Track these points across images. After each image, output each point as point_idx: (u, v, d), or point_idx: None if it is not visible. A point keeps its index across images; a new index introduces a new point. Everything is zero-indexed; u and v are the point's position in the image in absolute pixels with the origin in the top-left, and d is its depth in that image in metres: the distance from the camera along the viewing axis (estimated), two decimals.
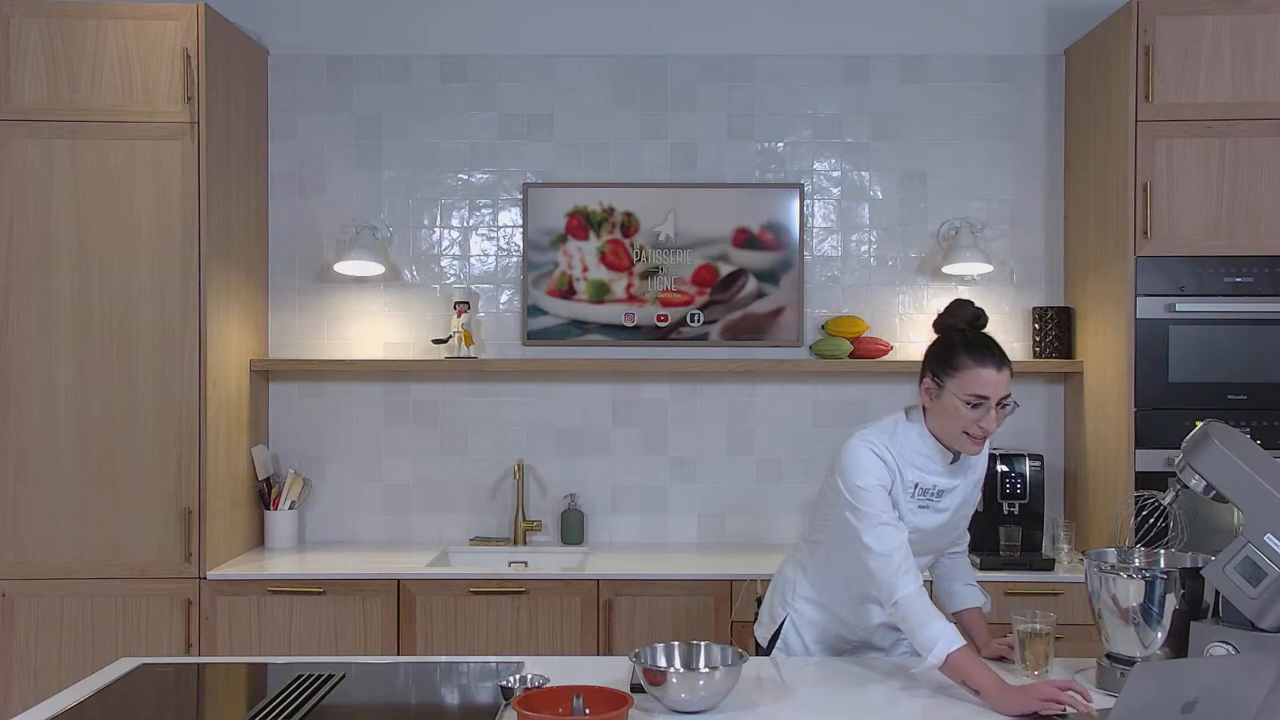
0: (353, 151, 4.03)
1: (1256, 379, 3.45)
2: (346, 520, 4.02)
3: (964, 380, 2.28)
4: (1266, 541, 2.03)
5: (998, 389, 2.28)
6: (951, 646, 2.16)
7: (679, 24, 4.02)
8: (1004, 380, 2.29)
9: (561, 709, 1.95)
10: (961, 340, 2.34)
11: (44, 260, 3.42)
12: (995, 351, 2.31)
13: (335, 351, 4.02)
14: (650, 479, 4.01)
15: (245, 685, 2.34)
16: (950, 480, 2.41)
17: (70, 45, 3.42)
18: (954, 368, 2.30)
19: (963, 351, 2.31)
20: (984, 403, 2.27)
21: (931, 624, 2.19)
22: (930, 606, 2.23)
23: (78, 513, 3.43)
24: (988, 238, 3.97)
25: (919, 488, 2.37)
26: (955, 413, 2.30)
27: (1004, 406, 2.30)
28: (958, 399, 2.29)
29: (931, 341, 2.42)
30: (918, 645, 2.21)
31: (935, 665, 2.17)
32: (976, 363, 2.28)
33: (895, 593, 2.23)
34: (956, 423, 2.30)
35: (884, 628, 2.54)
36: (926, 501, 2.38)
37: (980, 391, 2.27)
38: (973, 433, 2.30)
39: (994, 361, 2.29)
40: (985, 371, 2.27)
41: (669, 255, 3.98)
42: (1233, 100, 3.45)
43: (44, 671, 3.42)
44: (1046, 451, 3.90)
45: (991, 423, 2.28)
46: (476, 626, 3.44)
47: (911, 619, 2.21)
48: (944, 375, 2.32)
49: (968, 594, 2.59)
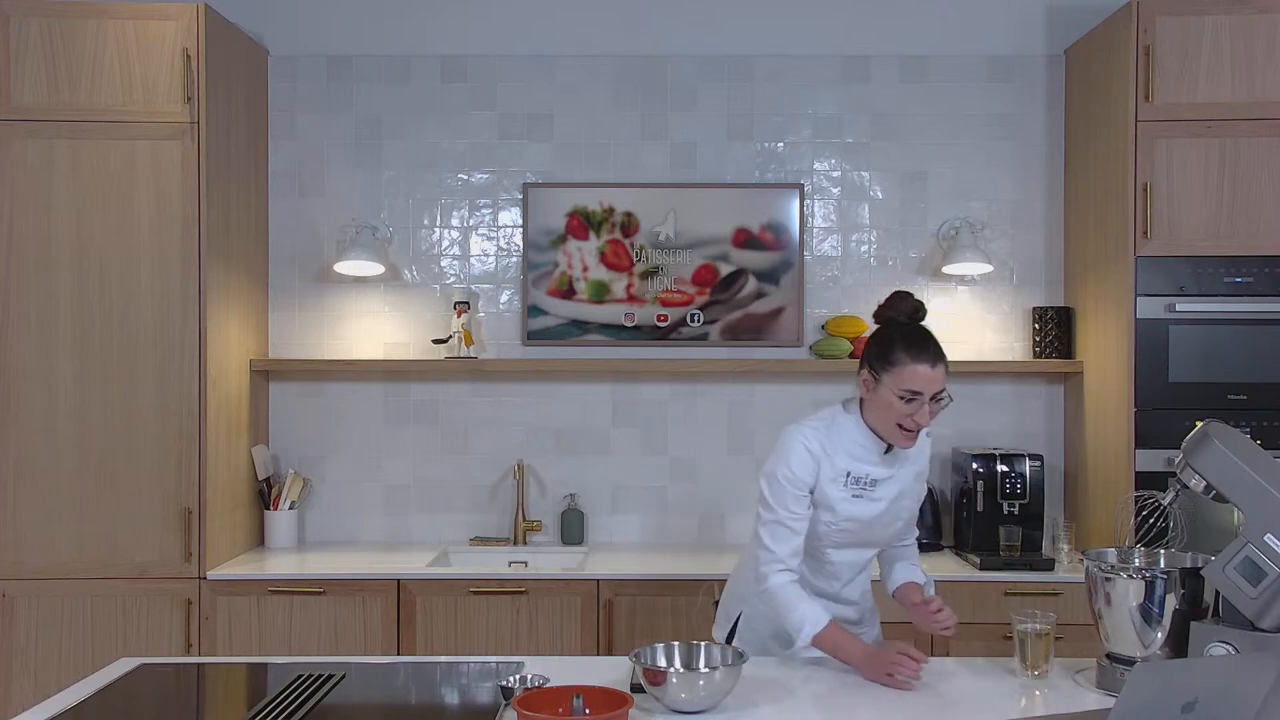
0: (353, 151, 4.03)
1: (1256, 379, 3.45)
2: (346, 520, 4.02)
3: (899, 376, 2.33)
4: (1266, 541, 2.03)
5: (931, 385, 2.33)
6: (817, 627, 2.32)
7: (679, 24, 4.02)
8: (938, 376, 2.34)
9: (561, 709, 1.95)
10: (899, 335, 2.37)
11: (44, 260, 3.42)
12: (931, 348, 2.35)
13: (335, 351, 4.02)
14: (650, 479, 4.01)
15: (245, 685, 2.34)
16: (885, 470, 2.45)
17: (70, 45, 3.42)
18: (890, 363, 2.34)
19: (899, 347, 2.35)
20: (918, 398, 2.33)
21: (799, 607, 2.35)
22: (799, 592, 2.38)
23: (78, 513, 3.43)
24: (988, 238, 3.97)
25: (851, 476, 2.42)
26: (890, 406, 2.35)
27: (938, 401, 2.35)
28: (892, 393, 2.34)
29: (871, 333, 2.46)
30: (789, 628, 2.36)
31: (806, 644, 2.33)
32: (912, 359, 2.32)
33: (767, 580, 2.39)
34: (891, 416, 2.36)
35: (848, 625, 2.54)
36: (860, 490, 2.43)
37: (914, 387, 2.32)
38: (906, 426, 2.36)
39: (929, 358, 2.33)
40: (920, 368, 2.32)
41: (669, 255, 3.98)
42: (1233, 100, 3.45)
43: (44, 671, 3.42)
44: (1046, 451, 3.90)
45: (924, 417, 2.34)
46: (476, 626, 3.44)
47: (779, 605, 2.37)
48: (880, 369, 2.36)
49: (909, 572, 2.61)
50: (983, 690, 2.23)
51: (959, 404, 3.96)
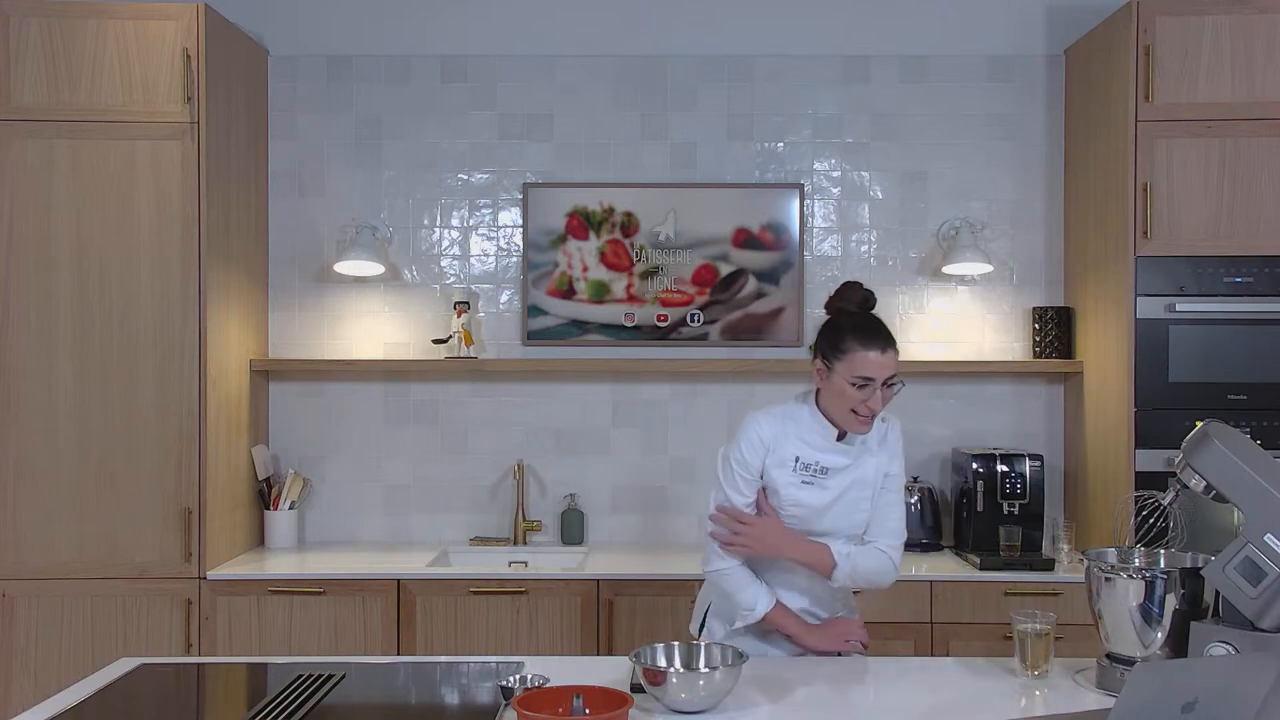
0: (353, 151, 4.03)
1: (1256, 379, 3.45)
2: (346, 520, 4.02)
3: (851, 363, 2.37)
4: (1266, 541, 2.03)
5: (883, 370, 2.37)
6: (768, 607, 2.46)
7: (679, 24, 4.02)
8: (889, 362, 2.39)
9: (561, 709, 1.94)
10: (849, 323, 2.43)
11: (44, 260, 3.42)
12: (881, 334, 2.41)
13: (335, 351, 4.02)
14: (650, 479, 4.01)
15: (245, 685, 2.34)
16: (839, 458, 2.47)
17: (70, 45, 3.42)
18: (841, 351, 2.39)
19: (849, 335, 2.40)
20: (870, 384, 2.37)
21: (750, 587, 2.47)
22: (748, 575, 2.48)
23: (78, 513, 3.43)
24: (988, 238, 3.97)
25: (800, 461, 2.46)
26: (843, 393, 2.39)
27: (890, 386, 2.39)
28: (845, 380, 2.38)
29: (822, 324, 2.51)
30: (740, 605, 2.47)
31: (757, 620, 2.46)
32: (862, 346, 2.37)
33: (717, 563, 2.49)
34: (844, 402, 2.40)
35: (803, 613, 2.54)
36: (810, 477, 2.46)
37: (865, 373, 2.36)
38: (860, 412, 2.40)
39: (879, 344, 2.38)
40: (870, 354, 2.37)
41: (669, 255, 3.98)
42: (1233, 100, 3.45)
43: (44, 671, 3.42)
44: (1046, 451, 3.90)
45: (877, 403, 2.38)
46: (476, 626, 3.44)
47: (731, 585, 2.48)
48: (832, 358, 2.41)
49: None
50: (983, 690, 2.23)
51: (959, 404, 3.97)
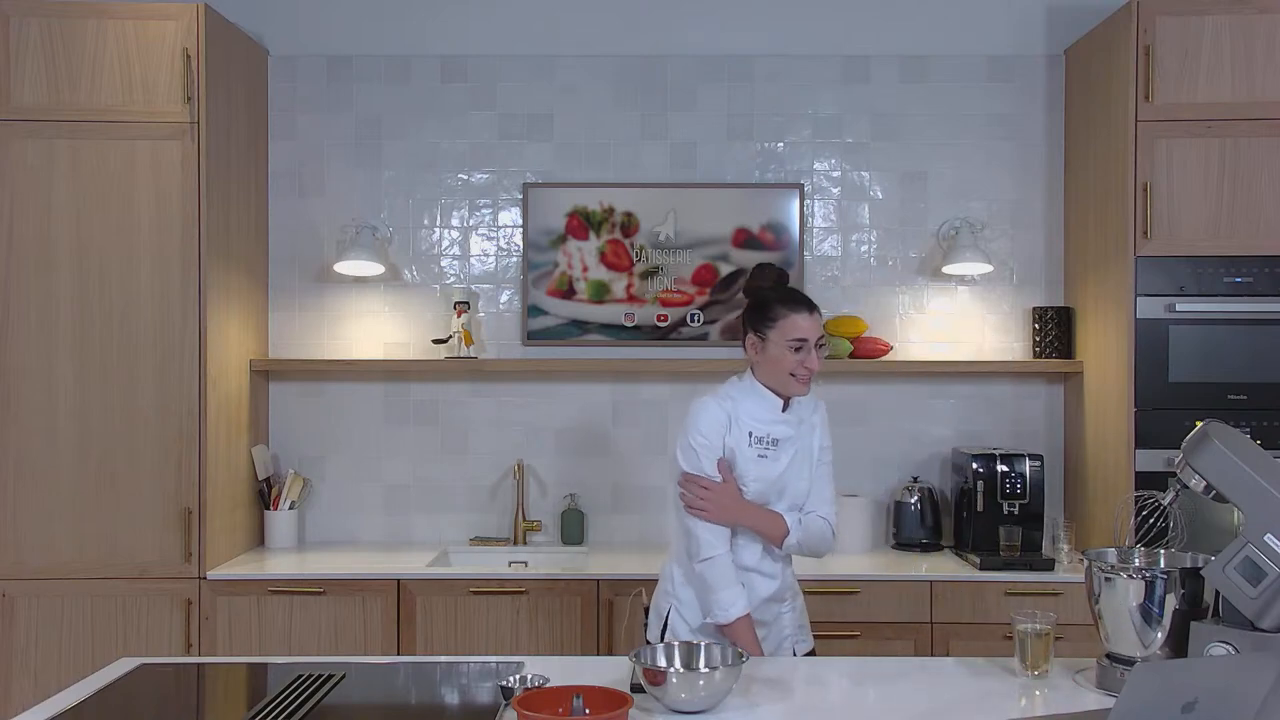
0: (353, 151, 4.03)
1: (1256, 379, 3.45)
2: (346, 520, 4.02)
3: (783, 328, 2.52)
4: (1266, 541, 2.03)
5: (813, 331, 2.54)
6: (744, 612, 2.50)
7: (679, 24, 4.02)
8: (817, 322, 2.56)
9: (561, 709, 1.94)
10: (774, 295, 2.58)
11: (44, 260, 3.42)
12: (804, 300, 2.58)
13: (335, 351, 4.02)
14: (650, 479, 4.01)
15: (245, 685, 2.34)
16: (785, 429, 2.60)
17: (70, 45, 3.42)
18: (772, 319, 2.54)
19: (777, 304, 2.55)
20: (804, 344, 2.52)
21: (734, 587, 2.50)
22: (732, 572, 2.52)
23: (78, 513, 3.43)
24: (988, 238, 3.97)
25: (754, 435, 2.57)
26: (780, 359, 2.53)
27: (821, 346, 2.55)
28: (781, 346, 2.52)
29: (745, 306, 2.64)
30: (715, 602, 2.50)
31: (726, 622, 2.48)
32: (792, 310, 2.53)
33: (711, 550, 2.51)
34: (783, 367, 2.53)
35: (769, 602, 2.60)
36: (764, 450, 2.57)
37: (799, 335, 2.52)
38: (798, 374, 2.54)
39: (805, 308, 2.55)
40: (800, 317, 2.53)
41: (669, 255, 3.98)
42: (1233, 100, 3.45)
43: (44, 671, 3.42)
44: (1046, 451, 3.89)
45: (814, 362, 2.53)
46: (476, 626, 3.44)
47: (719, 578, 2.50)
48: (764, 328, 2.55)
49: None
50: (983, 690, 2.23)
51: (959, 404, 3.98)
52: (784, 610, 2.65)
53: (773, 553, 2.61)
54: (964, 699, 2.18)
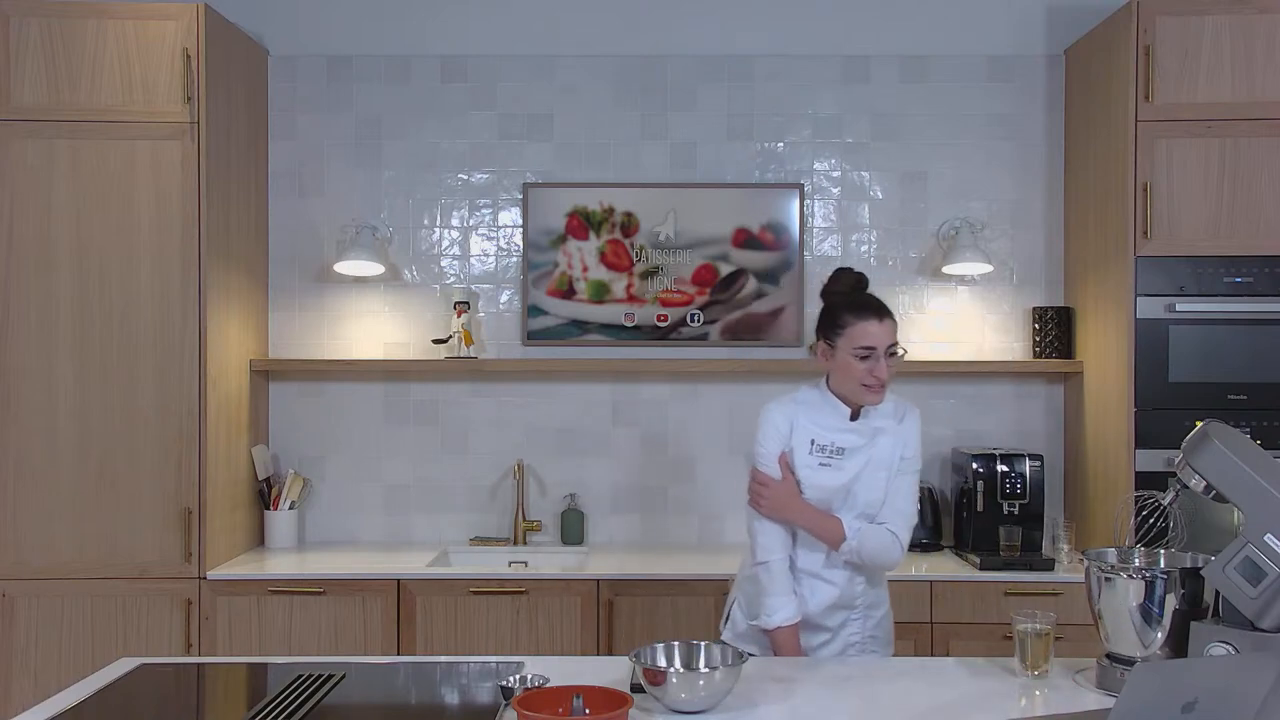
0: (353, 151, 4.03)
1: (1256, 379, 3.45)
2: (346, 520, 4.02)
3: (851, 336, 2.49)
4: (1266, 541, 2.03)
5: (883, 339, 2.49)
6: (789, 621, 2.51)
7: (679, 24, 4.02)
8: (888, 330, 2.50)
9: (561, 709, 1.94)
10: (844, 301, 2.55)
11: (44, 260, 3.42)
12: (875, 306, 2.52)
13: (335, 351, 4.02)
14: (650, 479, 4.01)
15: (245, 685, 2.34)
16: (854, 438, 2.55)
17: (70, 45, 3.42)
18: (840, 326, 2.51)
19: (845, 311, 2.52)
20: (872, 353, 2.48)
21: (785, 594, 2.52)
22: (789, 580, 2.54)
23: (78, 513, 3.43)
24: (988, 238, 3.97)
25: (815, 444, 2.55)
26: (850, 367, 2.50)
27: (893, 355, 2.50)
28: (849, 354, 2.49)
29: (820, 310, 2.61)
30: (765, 606, 2.52)
31: (768, 628, 2.51)
32: (859, 318, 2.49)
33: (768, 555, 2.53)
34: (853, 375, 2.50)
35: (832, 609, 2.58)
36: (827, 459, 2.55)
37: (867, 343, 2.47)
38: (868, 383, 2.49)
39: (874, 315, 2.50)
40: (868, 324, 2.48)
41: (669, 255, 3.98)
42: (1233, 100, 3.45)
43: (44, 671, 3.42)
44: (1046, 451, 3.89)
45: (883, 370, 2.48)
46: (476, 626, 3.44)
47: (772, 584, 2.53)
48: (833, 336, 2.52)
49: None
50: (983, 690, 2.23)
51: (959, 404, 3.97)
52: (852, 618, 2.61)
53: (835, 560, 2.56)
54: (964, 699, 2.18)
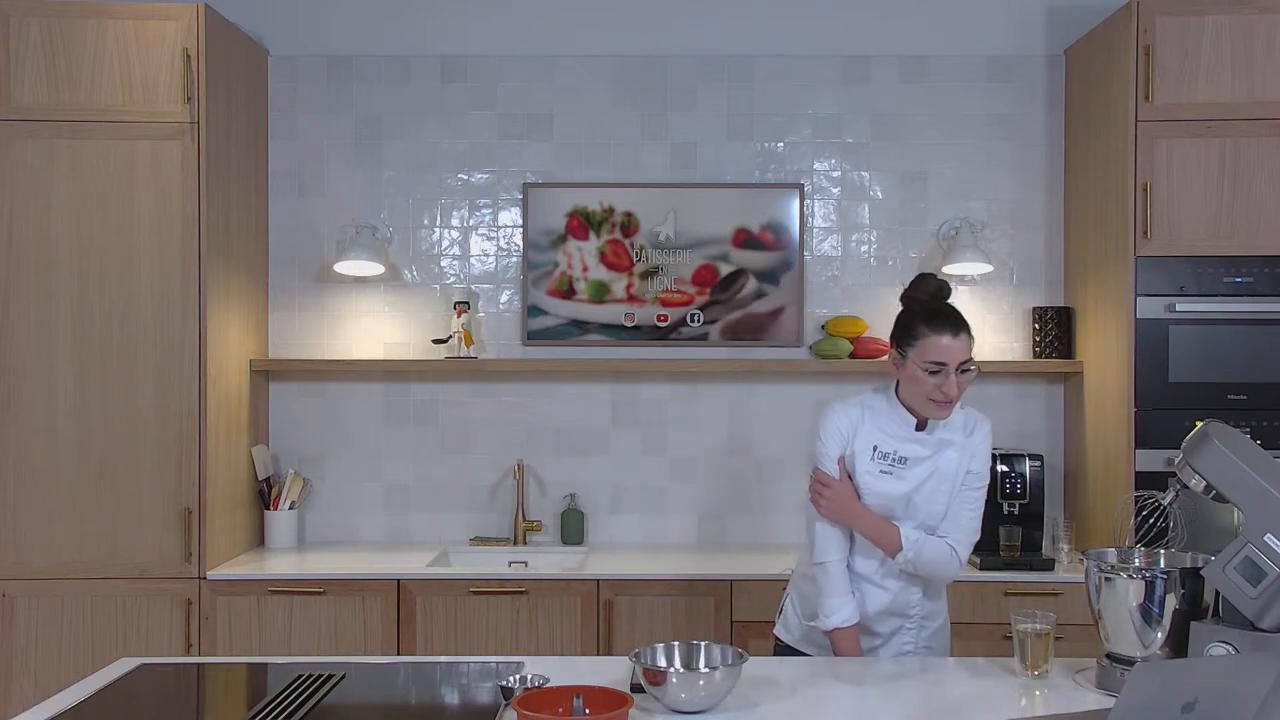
0: (353, 151, 4.03)
1: (1256, 379, 3.45)
2: (346, 520, 4.02)
3: (923, 348, 2.41)
4: (1266, 541, 2.03)
5: (955, 355, 2.40)
6: (848, 622, 2.48)
7: (679, 24, 4.02)
8: (961, 346, 2.41)
9: (561, 709, 1.94)
10: (920, 311, 2.46)
11: (44, 260, 3.42)
12: (952, 319, 2.43)
13: (335, 351, 4.02)
14: (650, 479, 4.01)
15: (245, 685, 2.34)
16: (919, 449, 2.50)
17: (70, 45, 3.42)
18: (913, 337, 2.43)
19: (920, 322, 2.44)
20: (943, 368, 2.40)
21: (842, 595, 2.49)
22: (846, 581, 2.51)
23: (78, 513, 3.43)
24: (988, 238, 3.97)
25: (878, 450, 2.50)
26: (918, 380, 2.42)
27: (965, 372, 2.42)
28: (918, 366, 2.42)
29: (896, 315, 2.54)
30: (823, 607, 2.50)
31: (826, 629, 2.50)
32: (933, 331, 2.41)
33: (825, 556, 2.51)
34: (920, 389, 2.43)
35: (884, 615, 2.56)
36: (889, 467, 2.50)
37: (938, 358, 2.40)
38: (935, 398, 2.42)
39: (949, 329, 2.41)
40: (942, 339, 2.40)
41: (669, 255, 3.98)
42: (1233, 100, 3.45)
43: (44, 671, 3.42)
44: (1046, 451, 3.90)
45: (952, 388, 2.40)
46: (476, 626, 3.44)
47: (828, 585, 2.50)
48: (905, 345, 2.45)
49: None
50: (983, 690, 2.23)
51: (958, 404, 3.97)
52: (907, 626, 2.58)
53: (890, 567, 2.53)
54: (964, 699, 2.18)
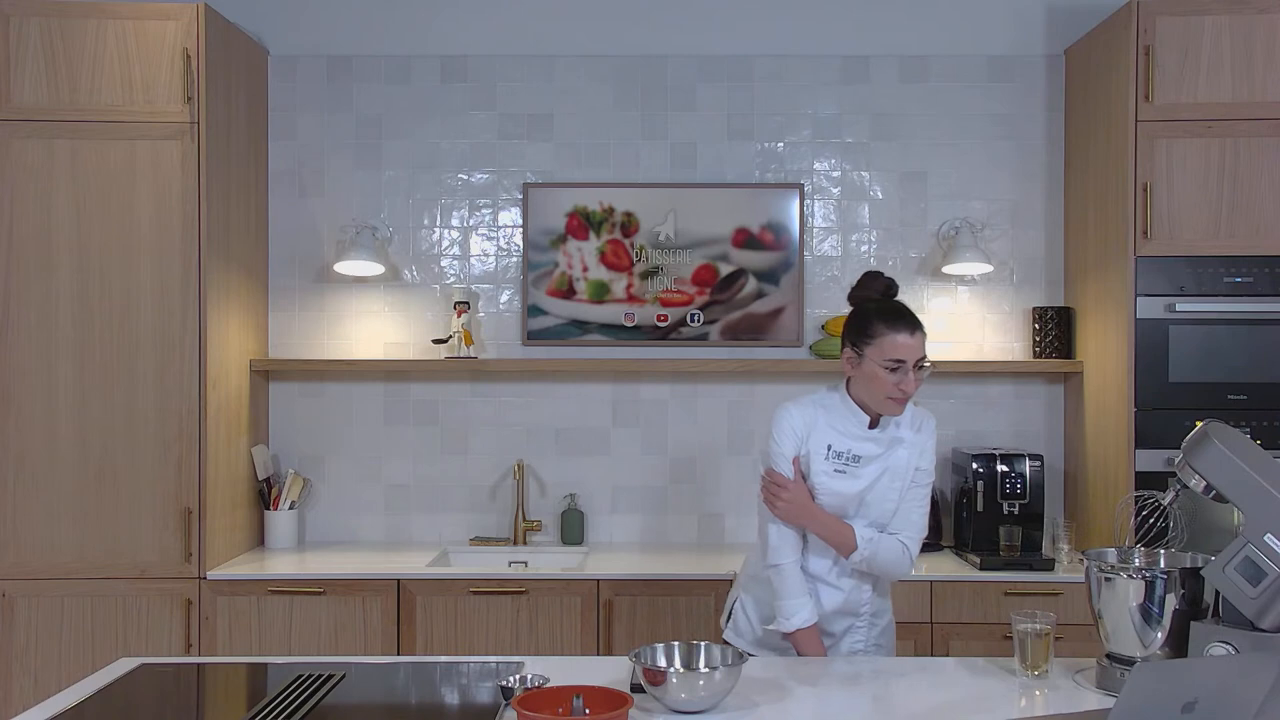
0: (353, 151, 4.03)
1: (1256, 379, 3.45)
2: (346, 520, 4.02)
3: (881, 346, 2.42)
4: (1266, 541, 2.03)
5: (913, 352, 2.42)
6: (808, 623, 2.49)
7: (679, 24, 4.02)
8: (919, 343, 2.43)
9: (561, 709, 1.94)
10: (875, 310, 2.47)
11: (44, 260, 3.42)
12: (908, 317, 2.45)
13: (335, 351, 4.02)
14: (650, 479, 4.01)
15: (245, 685, 2.34)
16: (872, 447, 2.51)
17: (70, 45, 3.42)
18: (870, 336, 2.44)
19: (877, 320, 2.44)
20: (901, 366, 2.41)
21: (800, 597, 2.49)
22: (802, 582, 2.51)
23: (78, 513, 3.43)
24: (988, 238, 3.97)
25: (833, 449, 2.50)
26: (876, 378, 2.43)
27: (921, 368, 2.43)
28: (877, 365, 2.42)
29: (848, 315, 2.53)
30: (782, 609, 2.50)
31: (787, 631, 2.49)
32: (891, 329, 2.42)
33: (780, 558, 2.50)
34: (879, 388, 2.44)
35: (837, 614, 2.57)
36: (843, 465, 2.50)
37: (896, 356, 2.41)
38: (895, 396, 2.43)
39: (907, 327, 2.42)
40: (899, 337, 2.41)
41: (669, 255, 3.98)
42: (1233, 100, 3.45)
43: (44, 671, 3.42)
44: (1046, 451, 3.90)
45: (910, 385, 2.42)
46: (476, 626, 3.44)
47: (785, 587, 2.50)
48: (862, 344, 2.45)
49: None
50: (983, 690, 2.23)
51: (959, 404, 3.98)
52: (857, 624, 2.60)
53: (844, 567, 2.54)
54: (964, 699, 2.18)
